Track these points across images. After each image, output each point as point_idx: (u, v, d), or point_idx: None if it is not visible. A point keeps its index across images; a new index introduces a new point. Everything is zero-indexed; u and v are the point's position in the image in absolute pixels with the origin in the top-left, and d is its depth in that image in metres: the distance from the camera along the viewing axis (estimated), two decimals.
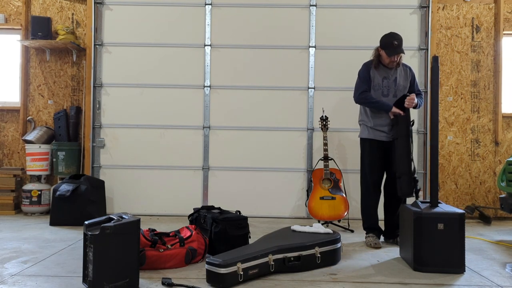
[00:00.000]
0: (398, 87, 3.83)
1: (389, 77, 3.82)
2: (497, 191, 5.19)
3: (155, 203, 5.13)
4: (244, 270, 2.76)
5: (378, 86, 3.82)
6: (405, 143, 3.65)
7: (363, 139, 3.96)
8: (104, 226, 2.51)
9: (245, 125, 5.17)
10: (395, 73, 3.84)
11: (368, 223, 3.92)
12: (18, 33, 5.39)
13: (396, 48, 3.70)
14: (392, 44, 3.70)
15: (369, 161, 3.89)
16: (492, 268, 3.23)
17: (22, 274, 2.90)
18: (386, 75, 3.83)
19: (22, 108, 5.34)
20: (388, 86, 3.82)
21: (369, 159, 3.90)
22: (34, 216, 4.97)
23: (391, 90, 3.82)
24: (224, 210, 3.69)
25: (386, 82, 3.82)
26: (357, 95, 3.89)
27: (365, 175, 3.93)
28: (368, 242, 3.82)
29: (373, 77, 3.83)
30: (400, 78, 3.85)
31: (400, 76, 3.86)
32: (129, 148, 5.18)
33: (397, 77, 3.84)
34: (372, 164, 3.88)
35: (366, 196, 3.93)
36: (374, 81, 3.82)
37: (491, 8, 5.24)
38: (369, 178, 3.90)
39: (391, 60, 3.75)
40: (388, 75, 3.83)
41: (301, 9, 5.18)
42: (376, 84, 3.82)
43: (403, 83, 3.86)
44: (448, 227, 3.08)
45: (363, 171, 3.95)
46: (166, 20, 5.19)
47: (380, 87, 3.82)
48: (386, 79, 3.82)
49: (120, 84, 5.20)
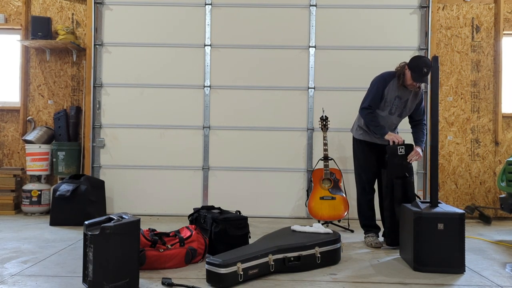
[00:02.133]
0: (405, 108, 3.79)
1: (402, 97, 3.74)
2: (497, 191, 5.19)
3: (155, 203, 5.13)
4: (244, 270, 2.76)
5: (389, 103, 3.75)
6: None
7: (356, 139, 3.96)
8: (104, 226, 2.51)
9: (245, 125, 5.17)
10: (409, 94, 3.75)
11: (364, 221, 3.93)
12: (18, 33, 5.39)
13: (423, 76, 3.57)
14: (422, 71, 3.55)
15: (363, 160, 3.91)
16: (492, 268, 3.23)
17: (22, 274, 2.90)
18: (400, 95, 3.73)
19: (22, 108, 5.34)
20: (398, 105, 3.76)
21: (362, 158, 3.91)
22: (34, 216, 4.97)
23: (399, 109, 3.78)
24: (224, 210, 3.69)
25: (397, 101, 3.75)
26: (364, 112, 3.78)
27: (359, 174, 3.95)
28: (368, 242, 3.82)
29: (386, 93, 3.73)
30: (411, 102, 3.79)
31: (412, 100, 3.79)
32: (129, 148, 5.18)
33: (409, 99, 3.77)
34: (365, 163, 3.90)
35: (362, 194, 3.95)
36: (387, 97, 3.73)
37: (491, 8, 5.24)
38: (363, 177, 3.92)
39: (413, 84, 3.65)
40: (402, 95, 3.74)
41: (301, 9, 5.18)
42: (388, 100, 3.74)
43: (410, 105, 3.79)
44: (448, 227, 3.08)
45: (357, 170, 3.97)
46: (166, 20, 5.19)
47: (390, 104, 3.75)
48: (399, 98, 3.74)
49: (120, 84, 5.20)
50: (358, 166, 3.97)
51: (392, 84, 3.73)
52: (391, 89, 3.73)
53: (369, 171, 3.89)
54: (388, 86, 3.73)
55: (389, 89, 3.73)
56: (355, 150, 4.00)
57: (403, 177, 3.65)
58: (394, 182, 3.64)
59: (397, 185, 3.63)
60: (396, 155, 3.65)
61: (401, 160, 3.66)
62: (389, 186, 3.66)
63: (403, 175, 3.65)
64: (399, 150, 3.66)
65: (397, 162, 3.65)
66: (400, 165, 3.65)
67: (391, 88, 3.73)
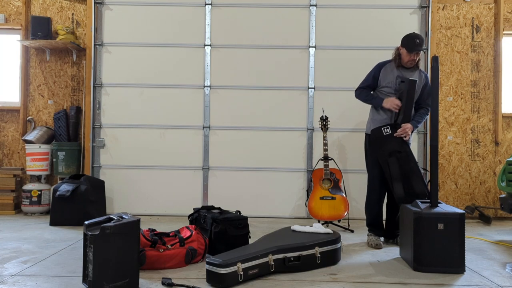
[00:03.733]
0: None
1: (403, 77, 3.78)
2: (497, 191, 5.19)
3: (155, 203, 5.13)
4: (244, 270, 2.76)
5: (391, 84, 3.80)
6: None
7: (367, 135, 3.96)
8: (104, 226, 2.51)
9: (245, 125, 5.17)
10: (411, 74, 3.80)
11: (370, 219, 3.91)
12: (18, 33, 5.39)
13: (417, 46, 3.69)
14: (414, 41, 3.70)
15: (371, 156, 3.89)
16: (492, 268, 3.24)
17: (22, 274, 2.90)
18: (401, 75, 3.79)
19: (22, 108, 5.34)
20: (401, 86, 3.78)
21: (370, 153, 3.90)
22: (34, 216, 4.97)
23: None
24: (224, 210, 3.69)
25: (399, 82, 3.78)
26: (356, 93, 4.02)
27: (368, 170, 3.93)
28: (369, 242, 3.82)
29: (384, 76, 3.83)
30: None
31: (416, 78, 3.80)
32: (129, 148, 5.18)
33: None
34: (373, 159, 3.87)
35: (369, 191, 3.92)
36: (387, 79, 3.82)
37: (491, 8, 5.24)
38: (370, 173, 3.90)
39: (410, 58, 3.73)
40: (404, 75, 3.78)
41: (301, 9, 5.18)
42: (389, 81, 3.81)
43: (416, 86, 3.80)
44: (448, 227, 3.08)
45: (367, 167, 3.96)
46: (166, 20, 5.19)
47: (392, 85, 3.80)
48: (400, 78, 3.78)
49: (120, 84, 5.20)
50: (367, 163, 3.96)
51: (388, 66, 3.86)
52: (388, 71, 3.84)
53: (375, 166, 3.85)
54: (384, 69, 3.85)
55: (386, 71, 3.84)
56: (366, 148, 3.98)
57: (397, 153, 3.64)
58: (388, 161, 3.64)
59: (392, 163, 3.63)
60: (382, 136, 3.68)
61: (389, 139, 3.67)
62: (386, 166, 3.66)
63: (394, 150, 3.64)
64: (384, 130, 3.70)
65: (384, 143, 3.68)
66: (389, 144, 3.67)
67: (388, 70, 3.84)
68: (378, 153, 3.73)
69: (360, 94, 3.98)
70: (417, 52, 3.74)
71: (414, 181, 3.61)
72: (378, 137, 3.74)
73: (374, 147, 3.78)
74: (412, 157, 3.70)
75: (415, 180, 3.61)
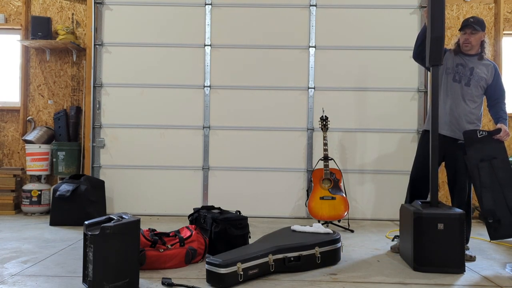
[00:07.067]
0: (474, 76, 3.62)
1: (465, 64, 3.65)
2: None
3: (155, 203, 5.13)
4: (244, 270, 2.76)
5: (451, 70, 3.68)
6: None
7: (423, 131, 3.80)
8: (104, 226, 2.51)
9: (245, 125, 5.17)
10: (473, 63, 3.65)
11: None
12: (18, 33, 5.39)
13: (470, 24, 3.56)
14: (468, 20, 3.59)
15: (417, 155, 3.74)
16: (492, 268, 3.24)
17: (22, 274, 2.90)
18: (461, 62, 3.66)
19: (22, 108, 5.34)
20: (461, 73, 3.64)
21: (417, 152, 3.75)
22: (34, 216, 4.97)
23: (464, 78, 3.63)
24: (224, 210, 3.69)
25: (460, 69, 3.65)
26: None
27: (412, 168, 3.76)
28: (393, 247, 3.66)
29: (446, 59, 3.67)
30: (479, 70, 3.64)
31: (480, 69, 3.65)
32: (129, 148, 5.18)
33: (475, 67, 3.64)
34: (417, 159, 3.72)
35: (407, 192, 3.75)
36: (448, 64, 3.68)
37: (491, 8, 5.24)
38: (411, 173, 3.73)
39: (465, 38, 3.60)
40: (464, 62, 3.66)
41: (301, 9, 5.18)
42: (449, 67, 3.68)
43: (483, 75, 3.63)
44: (448, 227, 3.08)
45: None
46: (166, 20, 5.19)
47: (452, 71, 3.67)
48: (461, 65, 3.65)
49: (120, 84, 5.20)
50: (414, 159, 3.78)
51: (448, 53, 3.70)
52: (449, 58, 3.68)
53: (414, 166, 3.70)
54: (445, 56, 3.66)
55: (446, 58, 3.67)
56: (421, 144, 3.78)
57: (492, 159, 3.33)
58: (479, 166, 3.34)
59: (483, 169, 3.31)
60: (475, 139, 3.36)
61: (484, 143, 3.34)
62: (475, 172, 3.32)
63: (489, 155, 3.32)
64: (479, 133, 3.40)
65: (477, 147, 3.34)
66: (481, 148, 3.32)
67: (448, 57, 3.68)
68: (467, 156, 3.41)
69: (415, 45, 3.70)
70: (472, 32, 3.55)
71: (508, 192, 3.29)
72: (471, 139, 3.42)
73: (469, 149, 3.40)
74: (509, 165, 3.34)
75: (510, 192, 3.29)
